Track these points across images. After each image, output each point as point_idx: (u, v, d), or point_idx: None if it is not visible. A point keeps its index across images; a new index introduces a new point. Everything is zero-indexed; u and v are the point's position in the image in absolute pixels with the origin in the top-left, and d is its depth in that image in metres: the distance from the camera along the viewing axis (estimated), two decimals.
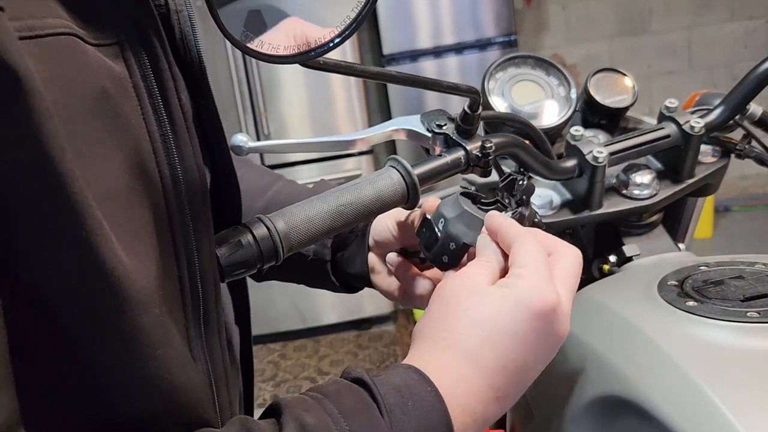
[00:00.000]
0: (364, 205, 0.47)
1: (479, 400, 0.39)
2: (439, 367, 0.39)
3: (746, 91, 0.64)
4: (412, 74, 0.48)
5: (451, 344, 0.40)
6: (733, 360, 0.43)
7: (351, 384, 0.37)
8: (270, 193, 0.66)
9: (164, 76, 0.37)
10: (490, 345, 0.40)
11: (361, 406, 0.35)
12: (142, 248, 0.35)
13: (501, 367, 0.39)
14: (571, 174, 0.63)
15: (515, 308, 0.40)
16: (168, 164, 0.37)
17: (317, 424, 0.34)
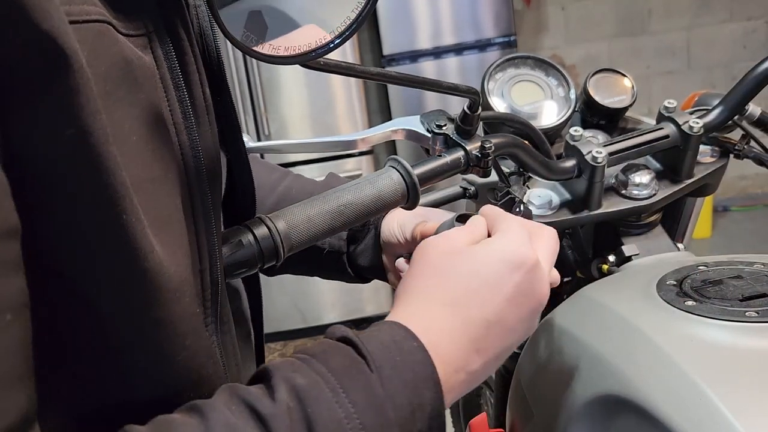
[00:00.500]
0: (364, 205, 0.47)
1: (461, 351, 0.39)
2: (422, 320, 0.39)
3: (745, 92, 0.64)
4: (412, 75, 0.48)
5: (433, 297, 0.41)
6: (731, 359, 0.43)
7: (337, 343, 0.37)
8: (281, 189, 0.66)
9: (190, 68, 0.38)
10: (471, 296, 0.40)
11: (349, 363, 0.35)
12: (170, 238, 0.35)
13: (483, 319, 0.40)
14: (571, 174, 0.63)
15: (496, 261, 0.41)
16: (193, 156, 0.38)
17: (308, 384, 0.33)
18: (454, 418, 1.40)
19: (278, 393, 0.32)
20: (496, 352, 0.41)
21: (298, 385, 0.33)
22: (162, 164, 0.35)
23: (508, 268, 0.41)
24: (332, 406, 0.33)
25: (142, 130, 0.34)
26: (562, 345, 0.56)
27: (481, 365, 0.40)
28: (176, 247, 0.36)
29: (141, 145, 0.34)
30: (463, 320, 0.40)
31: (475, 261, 0.41)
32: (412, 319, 0.39)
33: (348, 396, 0.34)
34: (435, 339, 0.38)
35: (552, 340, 0.58)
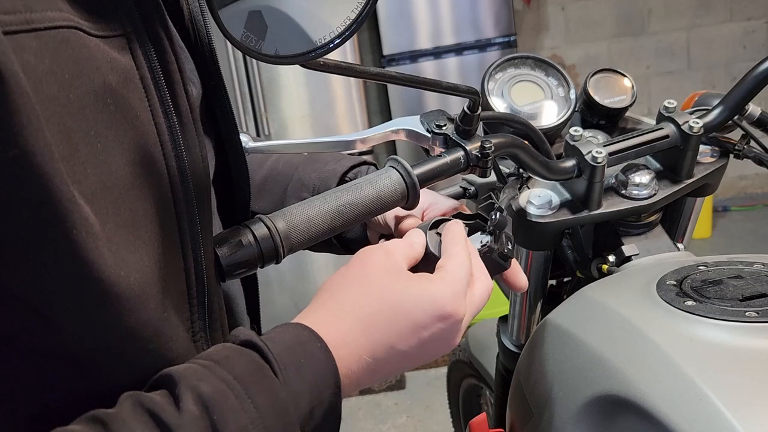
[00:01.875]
0: (364, 205, 0.47)
1: (359, 365, 0.40)
2: (331, 325, 0.40)
3: (745, 92, 0.64)
4: (412, 75, 0.48)
5: (350, 307, 0.41)
6: (731, 359, 0.43)
7: (241, 348, 0.37)
8: (268, 164, 0.66)
9: (171, 68, 0.37)
10: (389, 321, 0.41)
11: (254, 368, 0.35)
12: (141, 242, 0.35)
13: (389, 345, 0.41)
14: (570, 174, 0.63)
15: (428, 302, 0.42)
16: (175, 156, 0.37)
17: (213, 392, 0.33)
18: (454, 419, 1.40)
19: (183, 402, 0.32)
20: (385, 374, 0.42)
21: (203, 393, 0.33)
22: (135, 168, 0.35)
23: (436, 316, 0.42)
24: (238, 412, 0.33)
25: (111, 135, 0.34)
26: (561, 345, 0.56)
27: (368, 380, 0.41)
28: (145, 251, 0.35)
29: (107, 151, 0.33)
30: (372, 342, 0.40)
31: (409, 291, 0.42)
32: (322, 321, 0.40)
33: (253, 401, 0.34)
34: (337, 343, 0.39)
35: (552, 340, 0.58)
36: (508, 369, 0.86)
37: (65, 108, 0.31)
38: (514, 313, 0.81)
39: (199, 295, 0.40)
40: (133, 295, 0.33)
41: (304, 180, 0.62)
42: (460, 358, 1.22)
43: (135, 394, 0.33)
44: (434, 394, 2.12)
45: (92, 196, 0.31)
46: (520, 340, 0.82)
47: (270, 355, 0.36)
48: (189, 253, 0.39)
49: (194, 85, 0.44)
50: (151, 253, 0.36)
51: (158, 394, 0.33)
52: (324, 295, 0.42)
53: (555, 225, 0.65)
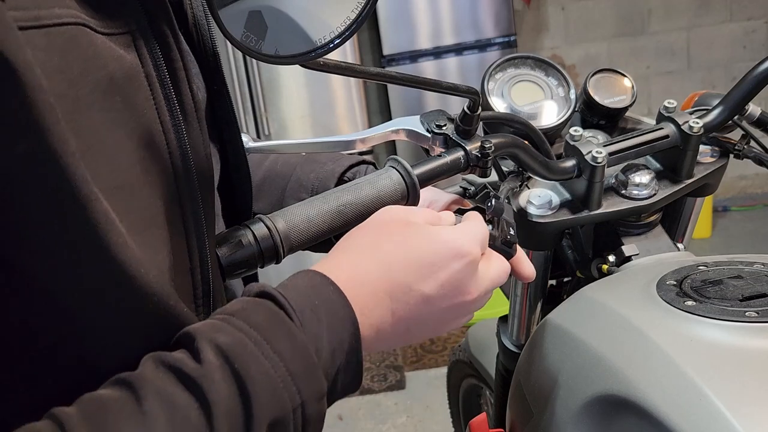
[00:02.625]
0: (364, 205, 0.47)
1: (376, 304, 0.39)
2: (345, 267, 0.40)
3: (745, 92, 0.64)
4: (412, 75, 0.48)
5: (365, 251, 0.41)
6: (731, 359, 0.43)
7: (255, 299, 0.37)
8: (266, 164, 0.66)
9: (176, 65, 0.37)
10: (404, 262, 0.41)
11: (270, 315, 0.35)
12: (154, 239, 0.35)
13: (406, 285, 0.40)
14: (570, 174, 0.63)
15: (442, 242, 0.42)
16: (181, 155, 0.37)
17: (232, 341, 0.33)
18: (454, 419, 1.40)
19: (203, 354, 0.32)
20: (408, 323, 0.41)
21: (221, 344, 0.33)
22: (144, 166, 0.35)
23: (450, 255, 0.42)
24: (258, 358, 0.33)
25: (120, 133, 0.34)
26: (561, 345, 0.56)
27: (392, 329, 0.40)
28: (158, 249, 0.36)
29: (119, 149, 0.34)
30: (388, 280, 0.40)
31: (421, 236, 0.42)
32: (335, 268, 0.40)
33: (272, 347, 0.34)
34: (354, 288, 0.39)
35: (552, 340, 0.58)
36: (508, 369, 0.86)
37: (75, 105, 0.31)
38: (514, 313, 0.81)
39: (204, 295, 0.40)
40: (154, 290, 0.33)
41: (302, 180, 0.62)
42: (460, 358, 1.22)
43: (155, 354, 0.33)
44: (434, 394, 2.12)
45: (106, 194, 0.32)
46: (520, 340, 0.82)
47: (284, 301, 0.36)
48: (195, 252, 0.39)
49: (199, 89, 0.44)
50: (161, 253, 0.36)
51: (178, 352, 0.33)
52: (341, 243, 0.43)
53: (555, 225, 0.65)
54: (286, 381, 0.33)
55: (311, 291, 0.37)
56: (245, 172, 0.50)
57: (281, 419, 0.33)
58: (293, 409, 0.34)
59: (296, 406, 0.34)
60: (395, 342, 0.42)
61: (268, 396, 0.33)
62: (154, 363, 0.32)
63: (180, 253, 0.38)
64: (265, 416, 0.32)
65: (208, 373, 0.31)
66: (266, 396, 0.32)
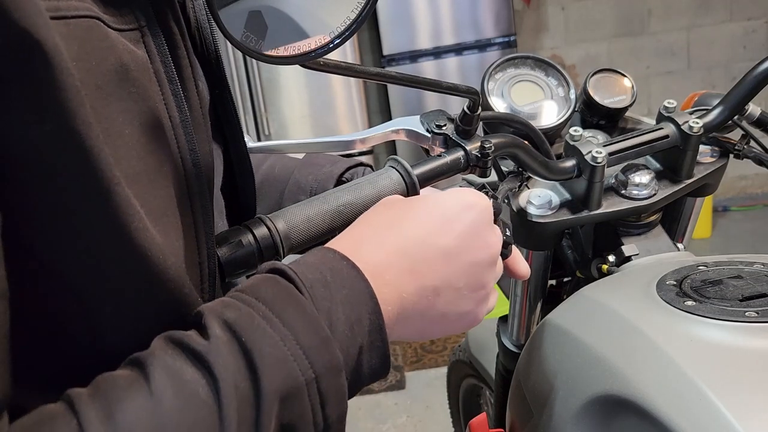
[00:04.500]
0: (364, 205, 0.47)
1: (392, 266, 0.39)
2: (356, 242, 0.40)
3: (745, 92, 0.64)
4: (412, 75, 0.48)
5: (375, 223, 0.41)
6: (731, 359, 0.43)
7: (265, 275, 0.37)
8: (264, 168, 0.66)
9: (183, 62, 0.38)
10: (415, 221, 0.41)
11: (279, 289, 0.35)
12: (168, 231, 0.35)
13: (421, 240, 0.40)
14: (570, 174, 0.63)
15: (449, 197, 0.42)
16: (189, 149, 0.38)
17: (239, 316, 0.33)
18: (453, 419, 1.40)
19: (211, 329, 0.32)
20: (434, 282, 0.40)
21: (229, 318, 0.33)
22: (157, 157, 0.35)
23: (460, 206, 0.42)
24: (266, 331, 0.33)
25: (136, 123, 0.34)
26: (561, 345, 0.56)
27: (415, 290, 0.39)
28: (174, 238, 0.36)
29: (134, 139, 0.34)
30: (403, 240, 0.40)
31: (427, 200, 0.42)
32: (345, 242, 0.40)
33: (281, 319, 0.33)
34: (368, 256, 0.38)
35: (552, 340, 0.58)
36: (508, 369, 0.86)
37: (96, 93, 0.31)
38: (514, 313, 0.81)
39: (210, 288, 0.40)
40: (174, 276, 0.34)
41: (300, 183, 0.62)
42: (460, 358, 1.22)
43: (165, 333, 0.33)
44: (434, 394, 2.12)
45: (126, 182, 0.32)
46: (520, 340, 0.82)
47: (294, 275, 0.36)
48: (203, 246, 0.39)
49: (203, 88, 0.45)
50: (174, 245, 0.36)
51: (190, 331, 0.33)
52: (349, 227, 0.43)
53: (555, 225, 0.65)
54: (297, 354, 0.33)
55: (323, 266, 0.37)
56: (248, 173, 0.50)
57: (294, 393, 0.32)
58: (307, 383, 0.33)
59: (309, 380, 0.33)
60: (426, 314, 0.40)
61: (278, 369, 0.32)
62: (164, 340, 0.32)
63: (190, 246, 0.38)
64: (276, 389, 0.32)
65: (215, 347, 0.31)
66: (276, 368, 0.32)
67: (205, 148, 0.39)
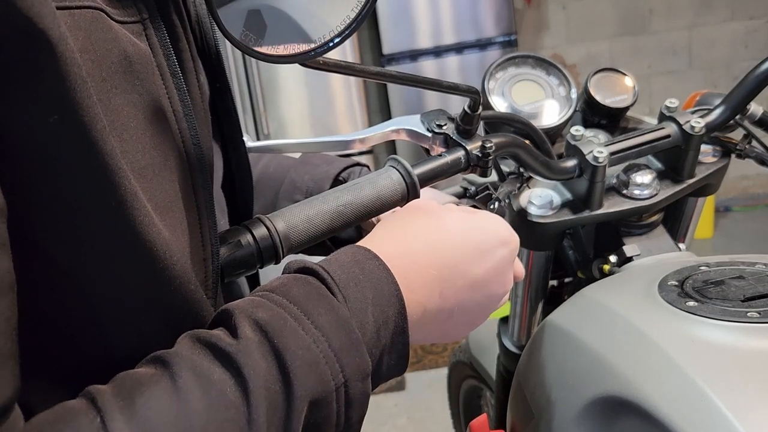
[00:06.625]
0: (364, 205, 0.47)
1: (425, 284, 0.39)
2: (391, 246, 0.39)
3: (746, 91, 0.64)
4: (412, 74, 0.48)
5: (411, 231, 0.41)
6: (733, 360, 0.43)
7: (296, 274, 0.36)
8: (259, 167, 0.66)
9: (185, 56, 0.38)
10: (453, 243, 0.40)
11: (310, 290, 0.35)
12: (175, 224, 0.35)
13: (453, 265, 0.40)
14: (572, 174, 0.63)
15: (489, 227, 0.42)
16: (193, 144, 0.37)
17: (270, 317, 0.32)
18: (454, 420, 1.40)
19: (241, 329, 0.32)
20: (453, 308, 0.40)
21: (260, 319, 0.32)
22: (161, 150, 0.35)
23: (498, 240, 0.42)
24: (298, 333, 0.32)
25: (140, 116, 0.34)
26: (562, 346, 0.56)
27: (436, 310, 0.40)
28: (180, 233, 0.35)
29: (140, 132, 0.34)
30: (437, 258, 0.40)
31: (467, 219, 0.42)
32: (381, 244, 0.39)
33: (313, 321, 0.33)
34: (401, 263, 0.38)
35: (553, 341, 0.57)
36: (508, 370, 0.86)
37: (101, 84, 0.31)
38: (515, 313, 0.80)
39: (214, 285, 0.39)
40: (179, 272, 0.33)
41: (296, 182, 0.62)
42: (460, 359, 1.22)
43: (192, 332, 0.33)
44: (434, 395, 2.12)
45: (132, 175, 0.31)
46: (520, 341, 0.82)
47: (326, 275, 0.35)
48: (208, 242, 0.38)
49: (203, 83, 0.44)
50: (180, 240, 0.35)
51: (217, 329, 0.33)
52: (382, 224, 0.42)
53: (556, 225, 0.64)
54: (329, 357, 0.32)
55: (355, 266, 0.37)
56: (247, 172, 0.50)
57: (324, 398, 0.32)
58: (336, 388, 0.33)
59: (339, 385, 0.33)
60: (436, 329, 0.41)
61: (310, 372, 0.32)
62: (191, 340, 0.32)
63: (195, 242, 0.37)
64: (307, 393, 0.31)
65: (245, 348, 0.31)
66: (307, 372, 0.31)
67: (208, 143, 0.39)
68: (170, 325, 0.34)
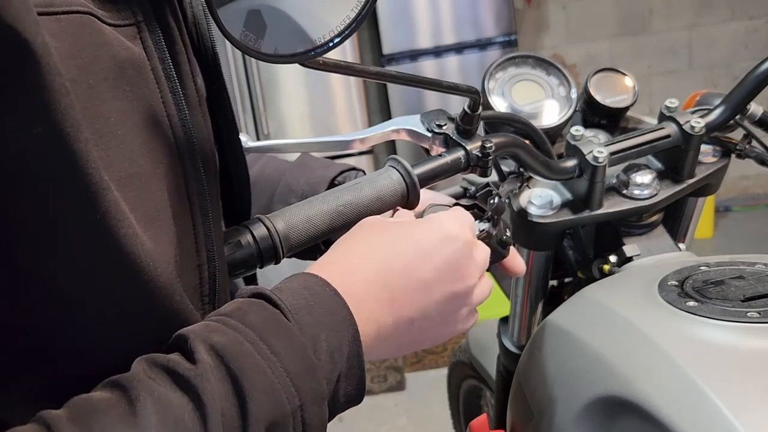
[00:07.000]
0: (364, 205, 0.47)
1: (374, 297, 0.39)
2: (336, 267, 0.39)
3: (746, 91, 0.64)
4: (412, 74, 0.48)
5: (355, 249, 0.41)
6: (733, 360, 0.43)
7: (249, 299, 0.36)
8: (255, 169, 0.65)
9: (181, 59, 0.37)
10: (397, 253, 0.40)
11: (266, 315, 0.35)
12: (163, 233, 0.34)
13: (401, 272, 0.40)
14: (572, 174, 0.63)
15: (430, 227, 0.42)
16: (188, 149, 0.37)
17: (226, 341, 0.32)
18: (454, 420, 1.40)
19: (197, 354, 0.31)
20: (410, 314, 0.40)
21: (216, 343, 0.32)
22: (152, 158, 0.35)
23: (440, 238, 0.42)
24: (255, 358, 0.32)
25: (130, 123, 0.33)
26: (562, 346, 0.56)
27: (393, 321, 0.40)
28: (167, 243, 0.35)
29: (129, 139, 0.33)
30: (382, 268, 0.40)
31: (408, 227, 0.42)
32: (326, 267, 0.39)
33: (269, 346, 0.33)
34: (348, 282, 0.38)
35: (553, 341, 0.57)
36: (508, 370, 0.86)
37: (87, 92, 0.30)
38: (515, 313, 0.80)
39: (210, 292, 0.39)
40: (163, 283, 0.33)
41: (292, 185, 0.62)
42: (460, 359, 1.22)
43: (147, 356, 0.32)
44: (434, 395, 2.12)
45: (118, 184, 0.31)
46: (520, 341, 0.82)
47: (279, 301, 0.35)
48: (203, 248, 0.38)
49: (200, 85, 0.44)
50: (170, 247, 0.35)
51: (172, 354, 0.32)
52: (332, 247, 0.43)
53: (556, 225, 0.64)
54: (284, 382, 0.33)
55: (306, 292, 0.37)
56: (244, 173, 0.50)
57: (280, 422, 0.32)
58: (292, 412, 0.33)
59: (295, 409, 0.33)
60: (401, 340, 0.41)
61: (266, 397, 0.32)
62: (147, 364, 0.32)
63: (188, 249, 0.37)
64: (263, 418, 0.31)
65: (203, 372, 0.31)
66: (263, 397, 0.32)
67: (207, 148, 0.39)
68: (153, 338, 0.33)
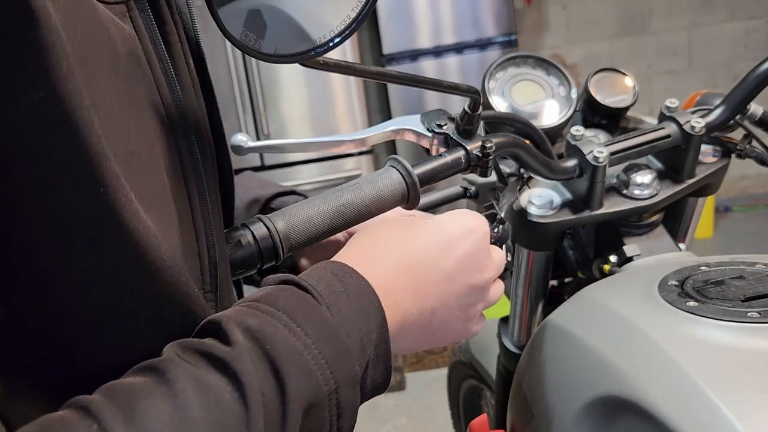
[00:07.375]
0: (364, 205, 0.47)
1: (399, 285, 0.39)
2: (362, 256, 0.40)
3: (747, 91, 0.64)
4: (412, 74, 0.48)
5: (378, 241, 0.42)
6: (733, 360, 0.43)
7: (279, 286, 0.36)
8: None
9: (172, 39, 0.36)
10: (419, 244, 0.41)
11: (297, 299, 0.34)
12: (164, 214, 0.33)
13: (425, 263, 0.41)
14: (572, 174, 0.63)
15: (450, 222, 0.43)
16: (183, 132, 0.36)
17: (261, 324, 0.32)
18: (454, 420, 1.40)
19: (232, 336, 0.31)
20: (433, 304, 0.41)
21: (251, 326, 0.32)
22: (147, 138, 0.33)
23: (460, 232, 0.43)
24: (289, 340, 0.32)
25: (124, 101, 0.32)
26: (562, 345, 0.56)
27: (417, 310, 0.40)
28: (169, 224, 0.34)
29: (124, 117, 0.32)
30: (406, 258, 0.40)
31: (428, 223, 0.43)
32: (352, 256, 0.40)
33: (302, 328, 0.33)
34: (376, 272, 0.39)
35: (553, 341, 0.57)
36: (508, 370, 0.86)
37: (81, 67, 0.29)
38: (515, 314, 0.80)
39: (212, 279, 0.39)
40: (167, 264, 0.31)
41: None
42: (460, 359, 1.22)
43: (179, 341, 0.31)
44: (434, 395, 2.12)
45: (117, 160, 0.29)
46: (520, 341, 0.82)
47: (309, 286, 0.35)
48: (201, 234, 0.37)
49: None
50: (168, 232, 0.34)
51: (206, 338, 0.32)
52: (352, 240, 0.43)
53: (556, 225, 0.64)
54: (320, 363, 0.32)
55: (334, 279, 0.37)
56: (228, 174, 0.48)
57: (317, 404, 0.32)
58: (328, 394, 0.32)
59: (331, 391, 0.32)
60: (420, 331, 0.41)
61: (303, 377, 0.31)
62: (180, 348, 0.31)
63: (187, 235, 0.36)
64: (301, 399, 0.31)
65: (240, 354, 0.30)
66: (300, 377, 0.31)
67: (203, 130, 0.38)
68: (158, 322, 0.32)
